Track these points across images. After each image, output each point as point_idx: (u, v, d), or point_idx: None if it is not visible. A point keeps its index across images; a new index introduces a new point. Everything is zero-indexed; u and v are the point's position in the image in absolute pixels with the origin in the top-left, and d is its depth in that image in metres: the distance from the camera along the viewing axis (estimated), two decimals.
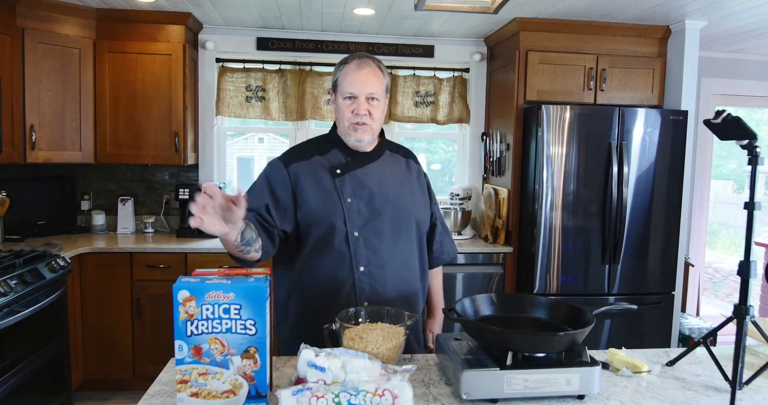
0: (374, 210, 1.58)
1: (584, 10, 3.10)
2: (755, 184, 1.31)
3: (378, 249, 1.58)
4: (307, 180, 1.58)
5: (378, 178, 1.62)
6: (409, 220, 1.64)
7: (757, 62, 4.11)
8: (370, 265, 1.57)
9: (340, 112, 1.58)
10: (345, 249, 1.56)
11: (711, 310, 4.74)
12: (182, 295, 1.12)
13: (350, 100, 1.56)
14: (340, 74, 1.57)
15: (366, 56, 1.58)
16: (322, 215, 1.56)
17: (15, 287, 2.37)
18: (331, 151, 1.64)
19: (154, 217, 3.72)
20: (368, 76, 1.55)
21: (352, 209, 1.56)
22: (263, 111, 3.78)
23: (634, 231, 3.21)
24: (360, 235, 1.56)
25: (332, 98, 1.62)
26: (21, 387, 2.40)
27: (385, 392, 1.07)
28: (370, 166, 1.63)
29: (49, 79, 3.14)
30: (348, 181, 1.59)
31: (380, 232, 1.58)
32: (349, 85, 1.54)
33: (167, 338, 3.12)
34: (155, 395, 1.24)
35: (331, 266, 1.57)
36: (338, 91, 1.58)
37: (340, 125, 1.61)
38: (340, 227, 1.55)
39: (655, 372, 1.41)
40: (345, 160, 1.62)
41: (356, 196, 1.58)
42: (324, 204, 1.56)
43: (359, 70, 1.54)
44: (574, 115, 3.13)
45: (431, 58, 3.88)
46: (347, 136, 1.60)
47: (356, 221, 1.56)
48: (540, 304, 1.46)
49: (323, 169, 1.60)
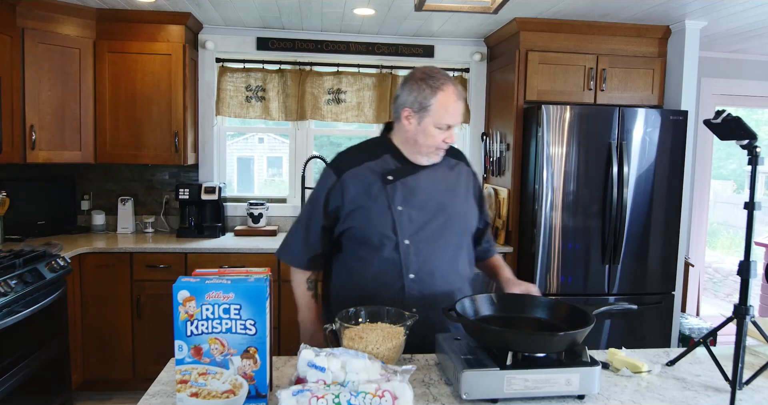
0: (425, 217, 1.58)
1: (584, 10, 3.10)
2: (755, 184, 1.31)
3: (429, 257, 1.58)
4: (357, 188, 1.58)
5: (429, 184, 1.61)
6: (459, 226, 1.64)
7: (757, 62, 4.11)
8: (420, 273, 1.57)
9: (427, 137, 1.55)
10: (395, 257, 1.56)
11: (711, 310, 4.74)
12: (182, 295, 1.12)
13: (444, 129, 1.54)
14: (435, 101, 1.52)
15: (453, 81, 1.55)
16: (372, 224, 1.56)
17: (15, 287, 2.37)
18: (382, 156, 1.62)
19: (154, 217, 3.72)
20: (462, 106, 1.55)
21: (402, 217, 1.56)
22: (263, 111, 3.78)
23: (634, 231, 3.21)
24: (411, 244, 1.56)
25: (408, 115, 1.56)
26: (21, 387, 2.40)
27: (385, 393, 1.07)
28: (421, 173, 1.62)
29: (49, 79, 3.14)
30: (399, 188, 1.58)
31: (431, 240, 1.58)
32: (450, 116, 1.52)
33: (167, 338, 3.12)
34: (155, 395, 1.24)
35: (379, 273, 1.58)
36: (429, 116, 1.53)
37: (418, 147, 1.58)
38: (390, 236, 1.56)
39: (655, 372, 1.41)
40: (396, 167, 1.61)
41: (407, 204, 1.57)
42: (375, 212, 1.56)
43: (458, 101, 1.53)
44: (574, 115, 3.13)
45: (431, 58, 3.88)
46: (421, 156, 1.59)
47: (407, 229, 1.56)
48: (540, 304, 1.46)
49: (374, 175, 1.59)
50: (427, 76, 1.53)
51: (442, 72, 1.55)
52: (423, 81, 1.53)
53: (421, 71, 1.56)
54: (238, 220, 3.82)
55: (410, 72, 1.60)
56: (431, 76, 1.53)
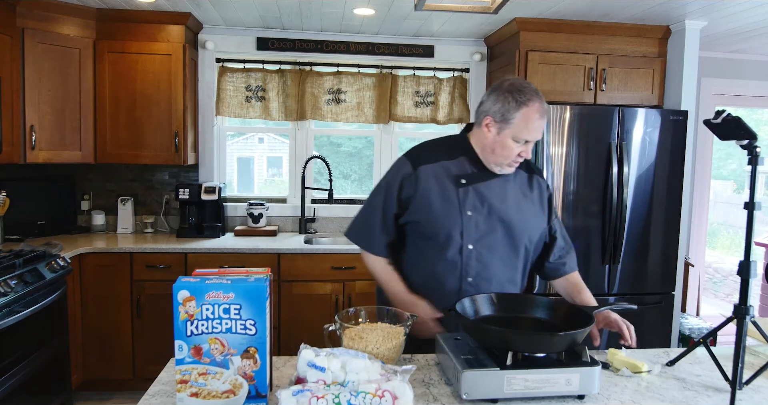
0: (491, 225, 1.60)
1: (584, 10, 3.10)
2: (755, 184, 1.31)
3: (488, 263, 1.61)
4: (431, 184, 1.60)
5: (500, 193, 1.63)
6: (522, 238, 1.64)
7: (757, 62, 4.11)
8: (478, 278, 1.60)
9: (504, 148, 1.56)
10: (457, 259, 1.59)
11: (711, 310, 4.74)
12: (182, 295, 1.12)
13: (522, 144, 1.55)
14: (518, 115, 1.52)
15: (540, 98, 1.54)
16: (441, 224, 1.58)
17: (15, 287, 2.37)
18: (459, 157, 1.64)
19: (154, 217, 3.73)
20: (544, 123, 1.55)
21: (470, 222, 1.59)
22: (263, 111, 3.78)
23: (634, 231, 3.21)
24: (474, 249, 1.59)
25: (489, 123, 1.57)
26: (21, 387, 2.40)
27: (385, 393, 1.07)
28: (494, 181, 1.63)
29: (49, 79, 3.14)
30: (471, 193, 1.60)
31: (492, 247, 1.61)
32: (529, 132, 1.53)
33: (167, 338, 3.12)
34: (155, 395, 1.24)
35: (440, 272, 1.61)
36: (509, 128, 1.54)
37: (494, 156, 1.59)
38: (456, 238, 1.58)
39: (655, 372, 1.41)
40: (471, 171, 1.62)
41: (476, 210, 1.59)
42: (445, 213, 1.58)
43: (541, 118, 1.53)
44: (574, 115, 3.13)
45: (431, 58, 3.88)
46: (495, 166, 1.60)
47: (472, 235, 1.59)
48: (540, 304, 1.46)
49: (449, 176, 1.61)
50: (514, 89, 1.53)
51: (531, 87, 1.54)
52: (510, 93, 1.53)
53: (510, 83, 1.56)
54: (238, 220, 3.82)
55: (500, 81, 1.59)
56: (519, 90, 1.53)
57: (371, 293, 3.31)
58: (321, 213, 3.92)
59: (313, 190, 3.92)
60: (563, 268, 1.74)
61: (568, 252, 1.76)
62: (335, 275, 3.26)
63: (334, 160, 4.11)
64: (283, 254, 3.23)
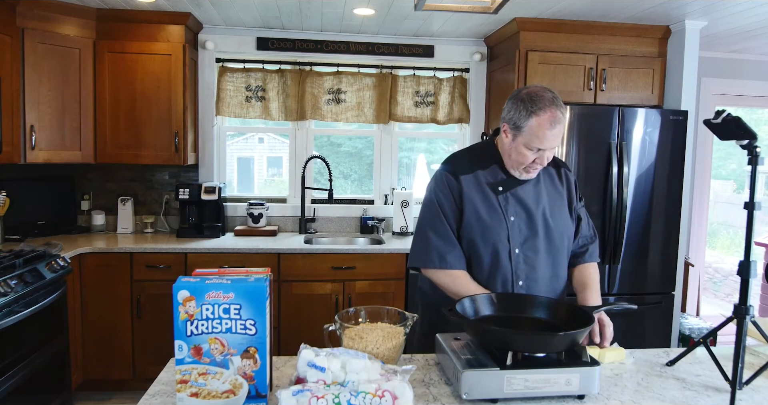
0: (532, 228, 1.65)
1: (584, 10, 3.10)
2: (755, 184, 1.31)
3: (535, 265, 1.65)
4: (474, 194, 1.64)
5: (535, 196, 1.67)
6: (561, 236, 1.69)
7: (757, 62, 4.11)
8: (528, 280, 1.65)
9: (518, 155, 1.58)
10: (507, 264, 1.64)
11: (711, 310, 4.74)
12: (182, 295, 1.12)
13: (535, 151, 1.56)
14: (528, 124, 1.53)
15: (556, 107, 1.52)
16: (490, 231, 1.63)
17: (15, 287, 2.37)
18: (491, 166, 1.67)
19: (154, 217, 3.72)
20: (558, 133, 1.54)
21: (514, 227, 1.64)
22: (263, 111, 3.78)
23: (634, 231, 3.21)
24: (520, 252, 1.64)
25: (506, 129, 1.60)
26: (21, 387, 2.40)
27: (385, 393, 1.07)
28: (528, 184, 1.67)
29: (49, 79, 3.14)
30: (510, 199, 1.65)
31: (537, 249, 1.65)
32: (539, 141, 1.53)
33: (167, 338, 3.13)
34: (155, 395, 1.24)
35: (492, 278, 1.64)
36: (521, 136, 1.55)
37: (510, 161, 1.63)
38: (504, 244, 1.63)
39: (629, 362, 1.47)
40: (505, 178, 1.66)
41: (517, 215, 1.64)
42: (492, 221, 1.63)
43: (552, 128, 1.52)
44: (574, 115, 3.13)
45: (431, 58, 3.88)
46: (514, 170, 1.63)
47: (517, 239, 1.64)
48: (540, 304, 1.46)
49: (487, 184, 1.66)
50: (528, 98, 1.54)
51: (547, 95, 1.53)
52: (523, 102, 1.54)
53: (527, 91, 1.56)
54: (238, 220, 3.82)
55: (520, 88, 1.61)
56: (533, 99, 1.53)
57: (371, 293, 3.32)
58: (321, 213, 3.92)
59: (313, 190, 3.92)
60: (584, 256, 1.77)
61: (592, 241, 1.80)
62: (335, 275, 3.26)
63: (334, 160, 4.11)
64: (283, 254, 3.23)
